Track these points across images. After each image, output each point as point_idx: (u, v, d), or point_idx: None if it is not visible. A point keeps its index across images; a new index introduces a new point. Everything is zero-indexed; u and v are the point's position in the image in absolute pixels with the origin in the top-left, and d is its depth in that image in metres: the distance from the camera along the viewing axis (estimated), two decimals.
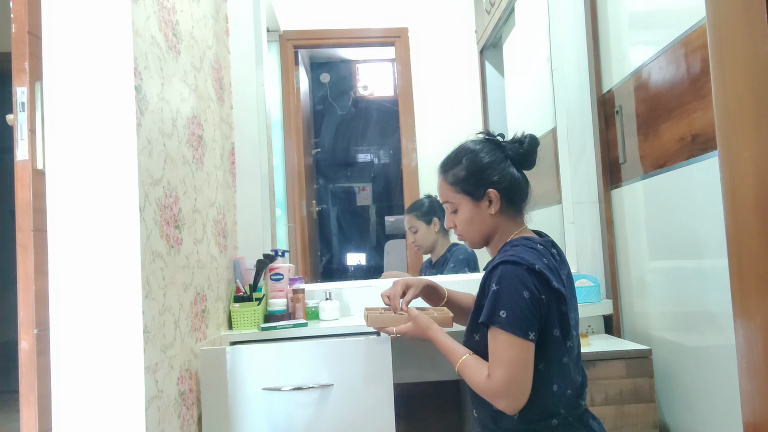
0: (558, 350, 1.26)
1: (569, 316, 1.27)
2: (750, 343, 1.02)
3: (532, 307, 1.20)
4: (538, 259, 1.25)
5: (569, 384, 1.28)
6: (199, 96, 1.81)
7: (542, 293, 1.22)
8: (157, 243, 1.39)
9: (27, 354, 1.19)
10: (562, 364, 1.27)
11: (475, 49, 3.69)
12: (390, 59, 4.17)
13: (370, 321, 1.53)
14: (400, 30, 3.72)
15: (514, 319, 1.19)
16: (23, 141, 1.22)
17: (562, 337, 1.26)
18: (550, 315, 1.24)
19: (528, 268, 1.22)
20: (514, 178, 1.37)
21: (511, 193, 1.37)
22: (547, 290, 1.23)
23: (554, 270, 1.27)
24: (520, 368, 1.20)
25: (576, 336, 1.32)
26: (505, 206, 1.37)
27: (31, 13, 1.23)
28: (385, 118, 4.41)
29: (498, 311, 1.21)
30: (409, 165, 3.63)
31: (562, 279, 1.29)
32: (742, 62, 1.02)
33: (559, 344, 1.26)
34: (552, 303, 1.24)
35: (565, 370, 1.27)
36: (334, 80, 4.50)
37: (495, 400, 1.23)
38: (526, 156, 1.38)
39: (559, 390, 1.26)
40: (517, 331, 1.19)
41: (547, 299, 1.23)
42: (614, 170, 2.14)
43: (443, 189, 1.42)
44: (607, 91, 2.17)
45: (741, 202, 1.03)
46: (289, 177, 3.45)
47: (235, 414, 1.62)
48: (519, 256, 1.24)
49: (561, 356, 1.26)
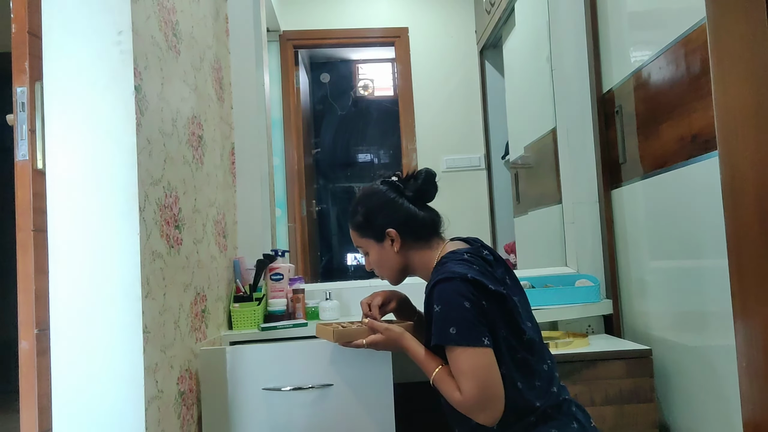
0: (511, 349, 1.27)
1: (516, 311, 1.29)
2: (750, 343, 1.02)
3: (478, 315, 1.23)
4: (468, 269, 1.27)
5: (535, 376, 1.29)
6: (199, 96, 1.81)
7: (482, 299, 1.25)
8: (157, 243, 1.39)
9: (27, 354, 1.19)
10: (518, 360, 1.28)
11: (475, 49, 3.69)
12: (390, 59, 4.17)
13: (336, 336, 1.49)
14: (400, 30, 3.72)
15: (464, 331, 1.22)
16: (23, 141, 1.22)
17: (511, 335, 1.27)
18: (495, 318, 1.26)
19: (461, 278, 1.25)
20: (410, 213, 1.42)
21: (411, 227, 1.42)
22: (486, 295, 1.25)
23: (487, 273, 1.30)
24: (486, 374, 1.21)
25: (531, 326, 1.33)
26: (410, 240, 1.42)
27: (31, 13, 1.23)
28: (385, 118, 4.42)
29: (447, 329, 1.23)
30: (409, 165, 3.63)
31: (497, 279, 1.32)
32: (742, 62, 1.02)
33: (510, 342, 1.27)
34: (493, 306, 1.26)
35: (524, 365, 1.28)
36: (334, 80, 4.50)
37: (474, 414, 1.23)
38: (423, 190, 1.43)
39: (525, 385, 1.27)
40: (472, 341, 1.21)
41: (488, 304, 1.25)
42: (614, 170, 2.14)
43: (353, 236, 1.53)
44: (607, 91, 2.17)
45: (741, 202, 1.03)
46: (289, 177, 3.46)
47: (235, 414, 1.62)
48: (450, 271, 1.27)
49: (515, 354, 1.28)
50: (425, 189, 1.44)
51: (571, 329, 2.13)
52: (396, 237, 1.42)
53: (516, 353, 1.28)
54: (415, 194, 1.43)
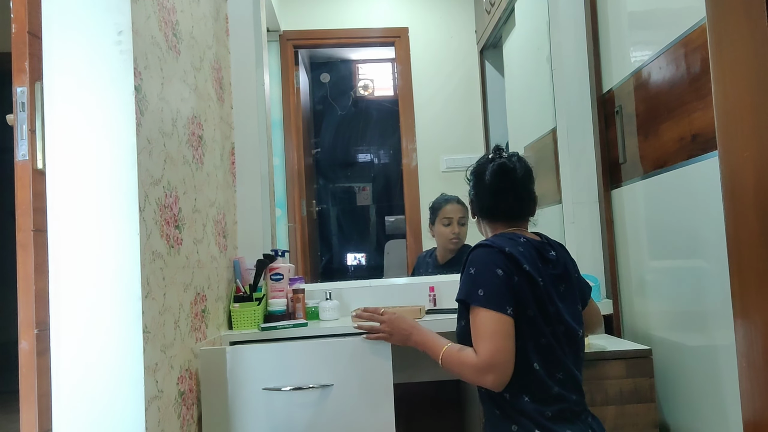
0: (537, 332, 1.33)
1: (550, 304, 1.35)
2: (750, 342, 1.02)
3: (506, 284, 1.31)
4: (510, 245, 1.37)
5: (559, 367, 1.35)
6: (199, 96, 1.81)
7: (514, 274, 1.33)
8: (157, 243, 1.39)
9: (27, 354, 1.19)
10: (542, 344, 1.34)
11: (475, 49, 3.69)
12: (390, 59, 4.17)
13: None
14: (400, 30, 3.72)
15: (491, 295, 1.30)
16: (23, 141, 1.22)
17: (541, 317, 1.34)
18: (526, 296, 1.33)
19: (499, 249, 1.36)
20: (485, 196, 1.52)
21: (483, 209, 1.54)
22: (519, 271, 1.34)
23: (529, 258, 1.36)
24: (503, 340, 1.28)
25: (563, 330, 1.37)
26: (485, 217, 1.55)
27: (31, 13, 1.23)
28: (385, 118, 4.41)
29: (476, 290, 1.32)
30: (409, 165, 3.63)
31: (538, 269, 1.37)
32: (742, 62, 1.02)
33: (538, 324, 1.33)
34: (524, 284, 1.34)
35: (548, 351, 1.34)
36: (334, 80, 4.50)
37: (482, 376, 1.29)
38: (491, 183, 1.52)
39: (544, 371, 1.33)
40: (496, 306, 1.29)
41: (519, 280, 1.33)
42: (614, 170, 2.14)
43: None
44: (607, 91, 2.17)
45: (741, 202, 1.03)
46: (289, 177, 3.45)
47: (235, 414, 1.62)
48: (491, 241, 1.41)
49: (540, 337, 1.34)
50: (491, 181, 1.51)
51: None
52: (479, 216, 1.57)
53: (541, 337, 1.34)
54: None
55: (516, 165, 1.49)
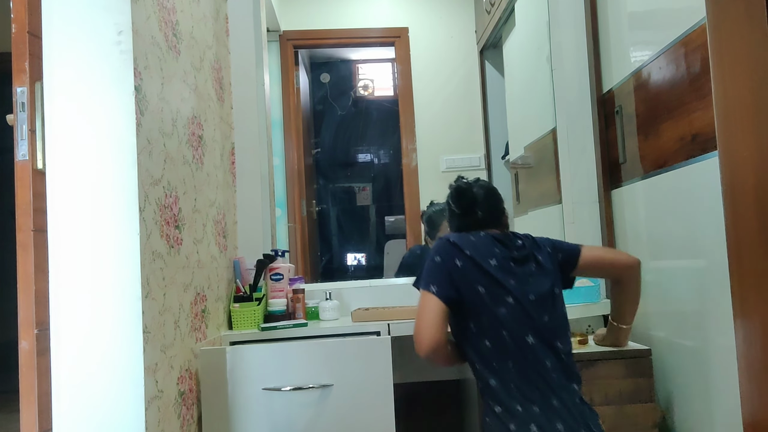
0: (485, 308, 1.46)
1: (497, 279, 1.47)
2: (750, 343, 1.02)
3: (440, 269, 1.48)
4: (460, 237, 1.54)
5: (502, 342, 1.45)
6: (199, 96, 1.81)
7: (456, 258, 1.49)
8: (157, 243, 1.39)
9: (27, 354, 1.19)
10: (493, 322, 1.45)
11: (475, 49, 3.69)
12: (390, 59, 4.17)
13: None
14: (400, 30, 3.72)
15: (424, 276, 1.50)
16: (23, 141, 1.22)
17: (488, 296, 1.46)
18: (470, 276, 1.47)
19: (445, 240, 1.54)
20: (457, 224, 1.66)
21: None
22: (461, 256, 1.49)
23: (478, 245, 1.52)
24: (422, 313, 1.46)
25: (513, 303, 1.46)
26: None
27: (31, 13, 1.23)
28: (385, 118, 4.41)
29: (419, 275, 1.52)
30: (409, 165, 3.63)
31: (494, 252, 1.51)
32: (742, 62, 1.02)
33: (484, 302, 1.46)
34: (469, 266, 1.48)
35: (497, 327, 1.45)
36: (334, 80, 4.49)
37: (416, 345, 1.45)
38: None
39: (494, 347, 1.44)
40: (423, 285, 1.48)
41: (463, 264, 1.48)
42: (614, 170, 2.14)
43: None
44: (607, 91, 2.17)
45: (741, 202, 1.03)
46: (289, 177, 3.45)
47: (235, 414, 1.62)
48: (445, 235, 1.58)
49: (489, 314, 1.46)
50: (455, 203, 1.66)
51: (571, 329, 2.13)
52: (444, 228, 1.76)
53: (491, 314, 1.46)
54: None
55: (472, 185, 1.64)
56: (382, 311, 1.97)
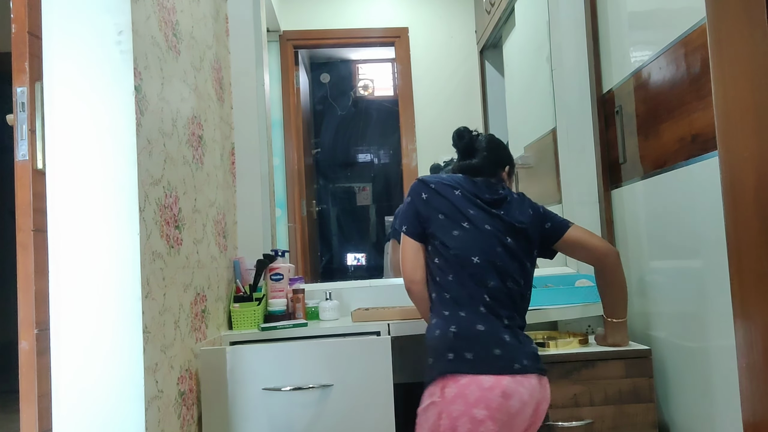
0: (441, 231, 1.54)
1: (456, 206, 1.55)
2: (750, 343, 1.02)
3: (409, 208, 1.60)
4: (429, 176, 1.64)
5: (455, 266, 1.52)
6: (199, 96, 1.81)
7: (423, 192, 1.59)
8: (157, 243, 1.39)
9: (27, 354, 1.19)
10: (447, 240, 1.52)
11: (475, 49, 3.69)
12: (390, 59, 4.17)
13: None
14: (400, 30, 3.72)
15: (399, 218, 1.63)
16: (23, 141, 1.22)
17: (446, 221, 1.54)
18: (433, 204, 1.56)
19: (417, 180, 1.63)
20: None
21: None
22: (426, 189, 1.59)
23: (447, 181, 1.60)
24: (401, 252, 1.59)
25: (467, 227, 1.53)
26: None
27: (31, 13, 1.23)
28: (385, 118, 4.41)
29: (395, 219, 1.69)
30: (409, 165, 3.63)
31: (462, 186, 1.59)
32: (742, 62, 1.02)
33: (442, 226, 1.54)
34: (433, 197, 1.57)
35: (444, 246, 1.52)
36: (334, 80, 4.50)
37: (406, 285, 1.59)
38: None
39: (441, 263, 1.52)
40: (399, 225, 1.62)
41: (428, 196, 1.58)
42: (614, 170, 2.14)
43: None
44: (607, 91, 2.17)
45: (741, 202, 1.03)
46: (289, 177, 3.45)
47: (235, 414, 1.62)
48: (418, 177, 1.66)
49: (444, 236, 1.53)
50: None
51: (571, 329, 2.13)
52: None
53: (447, 236, 1.54)
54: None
55: (476, 132, 1.72)
56: (382, 311, 1.97)
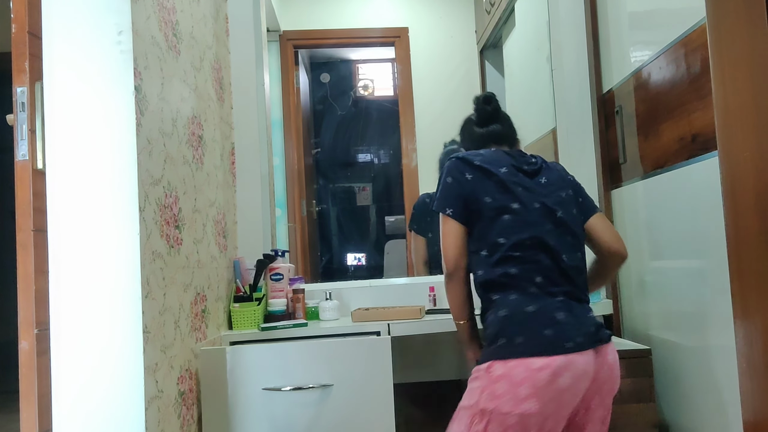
0: (491, 212, 1.46)
1: (506, 184, 1.47)
2: (750, 343, 1.02)
3: (452, 189, 1.50)
4: (467, 153, 1.56)
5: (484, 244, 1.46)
6: (199, 96, 1.81)
7: (466, 173, 1.50)
8: (157, 243, 1.39)
9: (27, 354, 1.19)
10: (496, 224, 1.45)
11: (475, 49, 3.69)
12: (390, 59, 4.17)
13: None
14: (400, 30, 3.72)
15: (439, 198, 1.51)
16: (23, 141, 1.22)
17: (494, 204, 1.46)
18: (479, 185, 1.47)
19: (455, 159, 1.54)
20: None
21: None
22: (471, 169, 1.50)
23: (487, 157, 1.52)
24: (444, 236, 1.50)
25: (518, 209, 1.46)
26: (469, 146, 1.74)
27: (31, 13, 1.23)
28: (385, 118, 4.41)
29: (435, 197, 1.53)
30: (409, 165, 3.63)
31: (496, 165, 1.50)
32: (742, 62, 1.02)
33: (491, 208, 1.46)
34: (479, 176, 1.48)
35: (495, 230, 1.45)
36: (334, 80, 4.49)
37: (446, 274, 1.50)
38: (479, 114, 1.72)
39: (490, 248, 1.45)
40: (439, 207, 1.50)
41: (472, 177, 1.49)
42: (614, 170, 2.14)
43: None
44: (607, 91, 2.17)
45: (741, 202, 1.03)
46: (289, 177, 3.45)
47: (235, 414, 1.62)
48: (454, 155, 1.58)
49: (494, 218, 1.46)
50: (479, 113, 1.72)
51: None
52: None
53: (502, 216, 1.46)
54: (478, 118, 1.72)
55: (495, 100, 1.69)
56: (382, 311, 1.97)
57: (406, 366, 2.19)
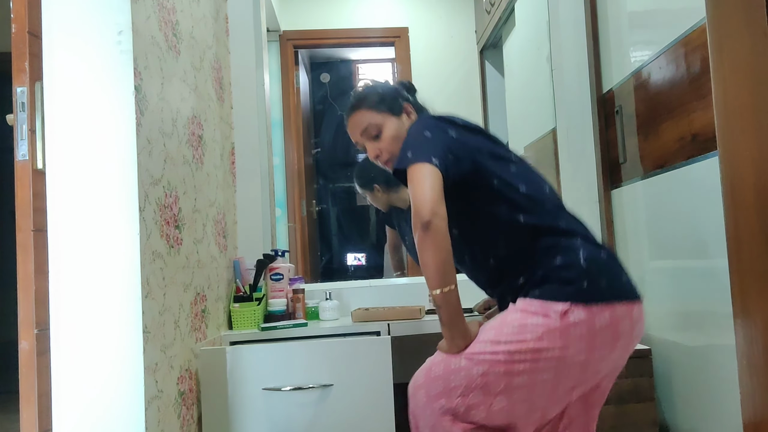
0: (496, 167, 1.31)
1: (495, 139, 1.38)
2: (750, 342, 1.02)
3: (434, 140, 1.28)
4: (443, 114, 1.38)
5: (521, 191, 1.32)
6: (199, 96, 1.81)
7: (448, 130, 1.31)
8: (157, 243, 1.39)
9: (27, 354, 1.19)
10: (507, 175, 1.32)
11: (475, 49, 3.69)
12: (390, 59, 4.17)
13: None
14: (400, 30, 3.72)
15: (418, 151, 1.25)
16: (23, 141, 1.22)
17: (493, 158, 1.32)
18: (470, 143, 1.31)
19: (429, 116, 1.38)
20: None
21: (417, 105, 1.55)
22: (455, 127, 1.33)
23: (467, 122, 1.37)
24: (422, 183, 1.21)
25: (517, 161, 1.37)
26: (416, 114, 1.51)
27: (31, 13, 1.23)
28: None
29: (405, 154, 1.27)
30: None
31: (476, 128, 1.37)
32: (742, 62, 1.02)
33: (493, 161, 1.32)
34: (468, 136, 1.33)
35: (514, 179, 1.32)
36: (334, 80, 4.49)
37: (415, 224, 1.20)
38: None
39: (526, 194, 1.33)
40: (418, 158, 1.23)
41: (458, 134, 1.31)
42: (614, 170, 2.14)
43: (363, 118, 1.49)
44: (607, 91, 2.17)
45: (741, 202, 1.03)
46: (289, 177, 3.45)
47: (235, 414, 1.62)
48: (424, 115, 1.42)
49: (502, 171, 1.32)
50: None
51: None
52: (411, 109, 1.51)
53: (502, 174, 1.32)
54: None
55: None
56: (382, 311, 1.97)
57: (406, 366, 2.19)
